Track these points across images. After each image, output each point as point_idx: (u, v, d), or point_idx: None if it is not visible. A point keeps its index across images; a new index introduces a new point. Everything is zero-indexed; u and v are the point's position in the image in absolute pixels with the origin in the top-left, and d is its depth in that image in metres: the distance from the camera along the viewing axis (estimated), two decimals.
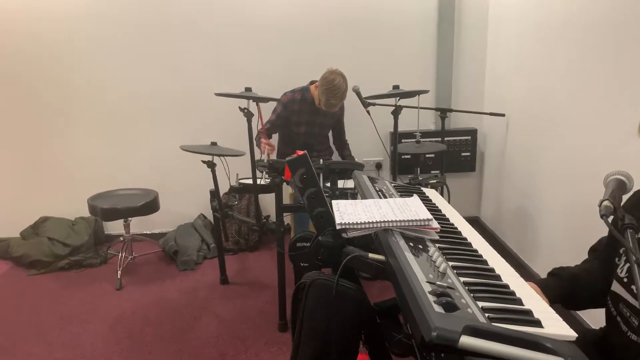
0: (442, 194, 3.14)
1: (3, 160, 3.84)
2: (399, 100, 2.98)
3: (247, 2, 3.70)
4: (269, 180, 2.89)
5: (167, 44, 3.73)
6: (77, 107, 3.80)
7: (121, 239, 3.57)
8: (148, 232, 4.02)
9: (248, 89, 2.83)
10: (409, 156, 3.78)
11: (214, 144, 3.01)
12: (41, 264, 3.54)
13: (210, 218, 3.98)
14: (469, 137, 3.95)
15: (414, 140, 3.25)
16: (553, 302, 1.38)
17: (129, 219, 3.45)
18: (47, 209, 3.90)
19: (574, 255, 1.58)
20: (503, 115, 3.49)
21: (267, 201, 3.85)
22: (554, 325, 0.97)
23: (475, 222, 4.12)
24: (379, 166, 4.06)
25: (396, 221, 1.28)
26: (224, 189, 3.22)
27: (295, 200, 3.46)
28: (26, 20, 3.60)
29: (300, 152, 1.33)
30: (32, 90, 3.74)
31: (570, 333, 0.93)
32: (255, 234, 3.85)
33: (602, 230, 1.41)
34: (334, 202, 1.44)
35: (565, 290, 1.45)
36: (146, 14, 3.66)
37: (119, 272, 3.34)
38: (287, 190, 3.63)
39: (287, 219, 3.68)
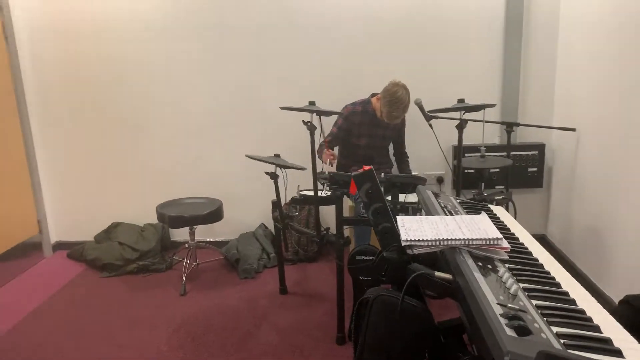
0: (507, 210, 3.04)
1: (82, 169, 4.10)
2: (464, 114, 2.92)
3: (311, 18, 3.77)
4: (329, 192, 2.92)
5: (235, 59, 3.86)
6: (150, 121, 4.01)
7: (186, 245, 3.70)
8: (211, 240, 4.14)
9: (312, 103, 2.87)
10: (472, 170, 3.69)
11: (277, 155, 3.07)
12: (112, 267, 3.73)
13: (270, 228, 4.05)
14: (536, 152, 3.80)
15: (478, 154, 3.17)
16: None
17: (194, 226, 3.58)
18: (118, 215, 4.12)
19: None
20: (574, 130, 3.34)
21: (327, 213, 3.88)
22: (636, 356, 0.92)
23: (541, 240, 3.94)
24: (440, 180, 3.99)
25: (464, 239, 1.26)
26: (284, 199, 3.27)
27: (355, 213, 3.46)
28: (108, 38, 3.86)
29: (367, 167, 1.34)
30: (109, 104, 3.98)
31: None
32: (314, 245, 3.88)
33: None
34: (399, 217, 1.43)
35: (638, 321, 1.36)
36: (215, 32, 3.82)
37: (184, 278, 3.47)
38: (347, 203, 3.64)
39: (347, 231, 3.69)
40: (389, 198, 2.72)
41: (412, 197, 2.88)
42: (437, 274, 1.22)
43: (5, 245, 3.68)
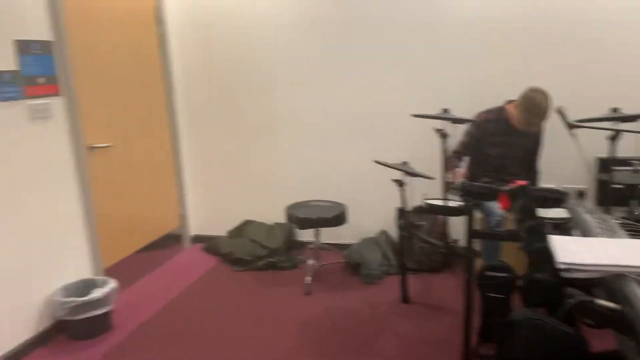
0: None
1: (220, 169, 4.43)
2: (618, 124, 2.66)
3: (444, 19, 3.68)
4: (459, 203, 2.83)
5: (364, 64, 3.90)
6: (282, 125, 4.20)
7: (311, 246, 3.82)
8: (333, 242, 4.22)
9: (445, 110, 2.82)
10: (622, 186, 3.34)
11: (405, 163, 3.05)
12: (243, 262, 3.98)
13: (392, 234, 4.03)
14: None
15: (630, 168, 2.87)
16: None
17: (320, 228, 3.68)
18: (250, 214, 4.39)
19: None
20: None
21: (452, 224, 3.75)
22: None
23: None
24: (581, 195, 3.67)
25: (634, 267, 1.15)
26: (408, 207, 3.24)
27: (484, 226, 3.31)
28: (248, 47, 4.12)
29: (522, 182, 1.28)
30: (247, 108, 4.25)
31: None
32: (439, 256, 3.78)
33: None
34: (553, 237, 1.34)
35: None
36: (345, 37, 3.89)
37: (309, 278, 3.58)
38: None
39: (475, 244, 3.55)
40: None
41: (550, 213, 2.69)
42: (601, 302, 1.12)
43: (152, 236, 4.10)
